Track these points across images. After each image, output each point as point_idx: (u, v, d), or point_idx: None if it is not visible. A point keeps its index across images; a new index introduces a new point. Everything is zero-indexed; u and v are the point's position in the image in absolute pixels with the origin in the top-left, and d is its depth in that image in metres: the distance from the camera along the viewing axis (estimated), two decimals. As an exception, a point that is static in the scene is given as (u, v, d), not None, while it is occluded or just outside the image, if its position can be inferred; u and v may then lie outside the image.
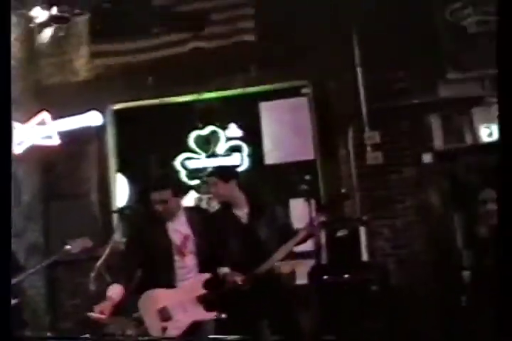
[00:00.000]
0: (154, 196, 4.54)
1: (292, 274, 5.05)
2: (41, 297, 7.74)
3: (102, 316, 4.23)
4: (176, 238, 4.53)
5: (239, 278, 4.54)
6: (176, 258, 4.52)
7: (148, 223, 4.60)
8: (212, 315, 4.45)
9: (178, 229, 4.55)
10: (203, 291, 4.44)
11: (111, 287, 4.39)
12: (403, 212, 6.93)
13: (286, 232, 5.07)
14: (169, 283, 4.53)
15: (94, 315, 4.29)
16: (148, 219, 4.61)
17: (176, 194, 4.57)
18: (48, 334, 5.44)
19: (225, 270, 4.62)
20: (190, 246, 4.54)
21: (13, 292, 5.14)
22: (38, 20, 7.68)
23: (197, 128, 8.28)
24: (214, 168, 6.59)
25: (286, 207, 6.96)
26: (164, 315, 4.40)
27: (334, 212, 6.23)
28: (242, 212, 5.13)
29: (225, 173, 5.31)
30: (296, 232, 5.03)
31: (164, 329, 4.35)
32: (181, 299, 4.43)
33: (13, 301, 5.12)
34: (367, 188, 7.07)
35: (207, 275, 4.51)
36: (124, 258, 4.69)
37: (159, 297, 4.45)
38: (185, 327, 4.38)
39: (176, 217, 4.60)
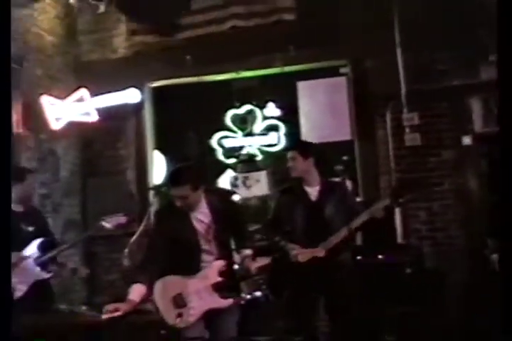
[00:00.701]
0: (173, 191, 4.44)
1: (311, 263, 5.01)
2: (78, 271, 7.84)
3: (116, 313, 4.20)
4: (199, 227, 4.50)
5: (255, 265, 4.48)
6: (203, 247, 4.50)
7: (172, 215, 4.53)
8: (227, 303, 4.40)
9: (200, 219, 4.51)
10: (219, 279, 4.41)
11: (133, 286, 4.33)
12: (440, 195, 6.87)
13: (352, 213, 5.10)
14: (196, 272, 4.50)
15: (107, 315, 4.25)
16: (171, 212, 4.54)
17: (196, 188, 4.40)
18: (83, 308, 5.50)
19: (246, 252, 4.56)
20: (213, 233, 4.51)
21: (47, 267, 5.20)
22: (78, -3, 7.72)
23: (234, 106, 8.27)
24: (295, 141, 6.55)
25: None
26: (179, 301, 4.36)
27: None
28: (312, 189, 5.19)
29: (307, 149, 5.35)
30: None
31: (179, 315, 4.33)
32: (197, 287, 4.38)
33: (47, 275, 5.18)
34: (404, 170, 7.01)
35: (223, 263, 4.47)
36: (148, 257, 4.62)
37: (174, 284, 4.41)
38: (199, 314, 4.34)
39: (197, 207, 4.49)
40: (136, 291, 4.28)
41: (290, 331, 5.21)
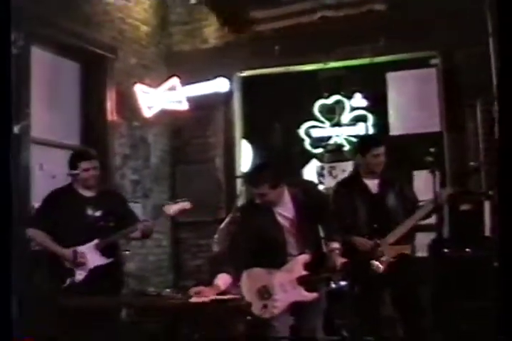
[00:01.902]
0: (252, 189, 4.48)
1: (397, 260, 4.96)
2: (166, 255, 8.05)
3: (204, 299, 4.25)
4: (284, 222, 4.52)
5: (340, 260, 4.41)
6: (288, 240, 4.52)
7: (256, 211, 4.56)
8: (312, 297, 4.40)
9: (284, 214, 4.52)
10: (304, 272, 4.43)
11: (219, 275, 4.42)
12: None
13: (414, 205, 5.08)
14: (282, 266, 4.53)
15: (194, 299, 4.31)
16: (255, 207, 4.56)
17: (275, 186, 4.38)
18: (167, 290, 5.56)
19: (334, 245, 4.50)
20: (298, 227, 4.52)
21: (107, 252, 5.21)
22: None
23: (322, 97, 8.30)
24: (379, 138, 6.33)
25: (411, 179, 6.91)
26: (264, 293, 4.39)
27: (461, 185, 6.13)
28: (371, 182, 5.15)
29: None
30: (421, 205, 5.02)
31: (264, 307, 4.39)
32: (281, 279, 4.40)
33: (107, 260, 5.14)
34: (494, 162, 6.90)
35: (308, 257, 4.50)
36: (234, 249, 4.65)
37: (261, 276, 4.46)
38: (284, 306, 4.38)
39: (280, 202, 4.48)
40: (222, 279, 4.34)
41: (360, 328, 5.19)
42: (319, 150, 8.29)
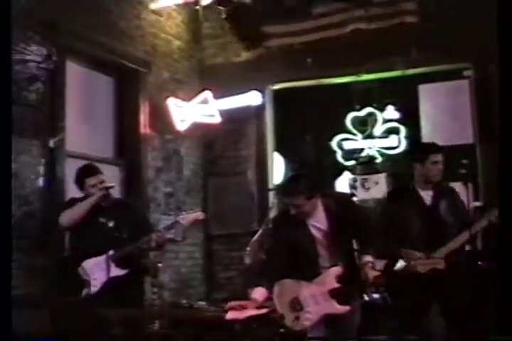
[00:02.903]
0: (287, 200, 4.44)
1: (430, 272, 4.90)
2: (198, 267, 8.07)
3: (239, 316, 4.26)
4: (317, 234, 4.50)
5: (373, 274, 4.36)
6: (321, 252, 4.51)
7: (289, 222, 4.55)
8: (344, 309, 4.34)
9: (317, 226, 4.50)
10: (336, 285, 4.39)
11: (256, 289, 4.43)
12: None
13: (466, 218, 4.98)
14: (313, 278, 4.52)
15: (230, 315, 4.33)
16: (288, 219, 4.56)
17: (310, 197, 4.35)
18: (200, 302, 5.57)
19: (366, 259, 4.44)
20: (331, 239, 4.50)
21: (122, 263, 5.18)
22: (204, 3, 7.92)
23: (354, 109, 8.29)
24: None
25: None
26: (296, 305, 4.38)
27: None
28: (425, 193, 5.07)
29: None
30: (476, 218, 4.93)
31: (296, 318, 4.38)
32: (313, 291, 4.38)
33: (122, 272, 5.16)
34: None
35: (340, 269, 4.43)
36: (268, 262, 4.68)
37: (292, 288, 4.45)
38: (316, 319, 4.35)
39: (314, 214, 4.46)
40: (259, 292, 4.37)
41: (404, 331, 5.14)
42: (351, 163, 8.27)
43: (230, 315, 4.34)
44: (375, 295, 5.63)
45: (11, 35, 3.72)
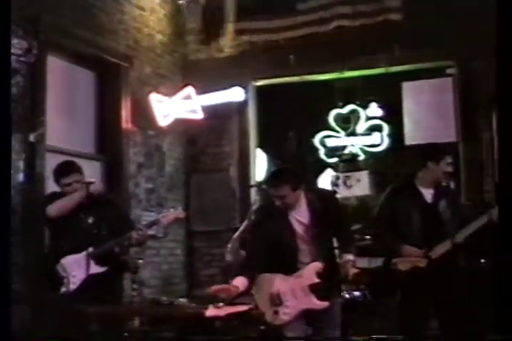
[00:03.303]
0: (272, 191, 4.46)
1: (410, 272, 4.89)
2: (180, 264, 8.04)
3: (220, 313, 4.25)
4: (298, 228, 4.51)
5: (353, 271, 4.39)
6: (301, 247, 4.51)
7: (271, 215, 4.57)
8: (323, 305, 4.35)
9: (299, 219, 4.51)
10: (316, 280, 4.38)
11: (236, 278, 4.41)
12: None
13: (465, 217, 4.97)
14: (293, 272, 4.52)
15: (210, 312, 4.32)
16: (270, 211, 4.57)
17: (295, 188, 4.39)
18: (181, 299, 5.55)
19: (348, 257, 4.48)
20: (311, 234, 4.50)
21: (102, 261, 5.13)
22: (187, -3, 7.91)
23: (337, 106, 8.29)
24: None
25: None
26: (275, 300, 4.40)
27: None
28: (426, 191, 5.04)
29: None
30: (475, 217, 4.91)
31: (276, 313, 4.39)
32: (293, 286, 4.39)
33: (101, 269, 5.11)
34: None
35: (320, 265, 4.41)
36: (249, 255, 4.66)
37: (271, 282, 4.45)
38: (295, 313, 4.35)
39: (297, 206, 4.49)
40: (239, 281, 4.34)
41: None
42: (334, 160, 8.27)
43: (210, 312, 4.32)
44: (356, 293, 5.62)
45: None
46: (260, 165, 8.31)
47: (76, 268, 5.04)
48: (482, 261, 5.92)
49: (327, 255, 4.52)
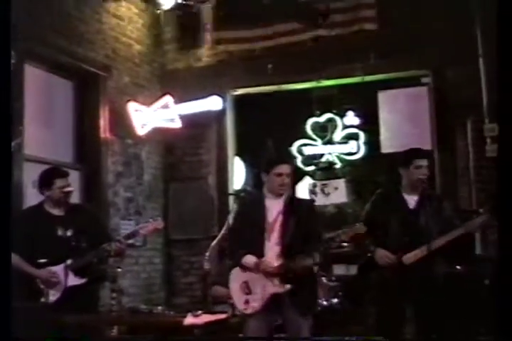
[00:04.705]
0: (280, 169, 4.63)
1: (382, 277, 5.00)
2: (158, 273, 8.05)
3: (198, 322, 4.33)
4: (269, 215, 4.64)
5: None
6: (266, 235, 4.62)
7: (252, 202, 4.74)
8: (285, 288, 4.46)
9: (275, 207, 4.65)
10: (276, 264, 4.48)
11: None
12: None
13: (449, 225, 4.99)
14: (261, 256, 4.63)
15: (188, 320, 4.38)
16: (252, 200, 4.74)
17: (294, 170, 4.71)
18: (160, 307, 5.56)
19: (308, 261, 4.61)
20: (280, 224, 4.62)
21: (81, 273, 5.11)
22: (164, 7, 7.93)
23: (314, 115, 8.36)
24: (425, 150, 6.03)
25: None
26: (245, 289, 4.55)
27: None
28: (410, 198, 5.09)
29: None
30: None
31: (247, 302, 4.51)
32: (259, 273, 4.54)
33: (80, 281, 5.10)
34: (484, 181, 6.94)
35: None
36: (231, 242, 4.85)
37: (242, 272, 4.61)
38: (264, 300, 4.49)
39: (280, 195, 4.68)
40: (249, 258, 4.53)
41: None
42: (311, 168, 8.33)
43: (188, 321, 4.37)
44: (333, 300, 5.67)
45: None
46: (238, 174, 8.34)
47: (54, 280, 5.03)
48: (458, 267, 5.99)
49: (291, 250, 4.58)
